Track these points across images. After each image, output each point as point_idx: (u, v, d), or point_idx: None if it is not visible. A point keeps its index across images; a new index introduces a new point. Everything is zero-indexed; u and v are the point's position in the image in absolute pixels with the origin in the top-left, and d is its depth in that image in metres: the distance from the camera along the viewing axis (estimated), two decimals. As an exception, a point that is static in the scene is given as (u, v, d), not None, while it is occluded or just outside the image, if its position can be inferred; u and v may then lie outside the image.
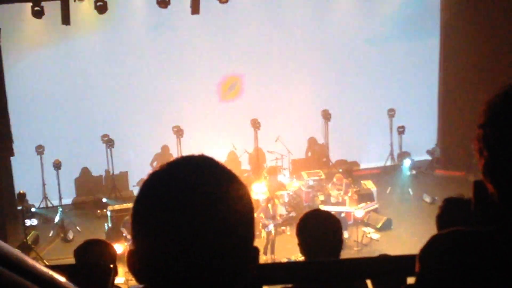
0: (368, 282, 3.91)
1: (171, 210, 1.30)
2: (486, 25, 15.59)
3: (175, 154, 15.88)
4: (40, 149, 15.65)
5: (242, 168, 16.51)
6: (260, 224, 12.71)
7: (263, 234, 12.74)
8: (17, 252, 1.31)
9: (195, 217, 1.29)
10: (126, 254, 1.59)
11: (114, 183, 15.92)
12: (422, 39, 17.35)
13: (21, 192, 14.24)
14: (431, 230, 3.79)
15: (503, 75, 14.36)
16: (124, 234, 12.78)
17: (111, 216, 13.80)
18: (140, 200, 1.37)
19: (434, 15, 17.11)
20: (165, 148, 16.49)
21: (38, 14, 14.23)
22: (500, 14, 15.41)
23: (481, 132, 1.52)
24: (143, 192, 1.37)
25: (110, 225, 13.81)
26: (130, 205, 12.99)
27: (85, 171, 16.52)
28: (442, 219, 3.79)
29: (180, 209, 1.29)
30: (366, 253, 12.60)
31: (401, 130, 17.23)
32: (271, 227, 12.88)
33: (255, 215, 1.44)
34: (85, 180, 16.49)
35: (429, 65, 17.49)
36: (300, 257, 3.96)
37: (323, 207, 13.20)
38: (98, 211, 15.24)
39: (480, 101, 1.56)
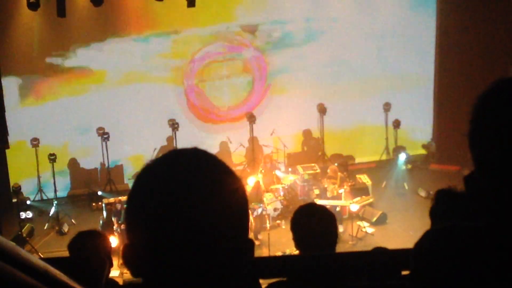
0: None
1: (164, 203, 1.30)
2: (483, 20, 15.60)
3: (171, 147, 15.88)
4: (35, 142, 15.61)
5: (235, 161, 16.52)
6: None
7: (251, 220, 12.80)
8: (12, 245, 1.31)
9: (189, 210, 1.29)
10: (121, 246, 1.60)
11: (109, 176, 15.91)
12: (418, 33, 17.34)
13: (16, 184, 14.22)
14: (426, 224, 3.80)
15: (499, 70, 14.38)
16: (115, 225, 12.85)
17: (106, 209, 13.80)
18: (133, 194, 1.37)
19: (430, 9, 17.12)
20: (169, 140, 16.42)
21: (33, 6, 14.18)
22: (496, 10, 15.42)
23: (472, 128, 1.53)
24: (137, 185, 1.37)
25: (105, 218, 13.81)
26: (125, 198, 13.05)
27: (80, 164, 16.50)
28: (435, 211, 3.80)
29: (173, 203, 1.29)
30: (361, 247, 12.62)
31: (397, 125, 17.24)
32: (260, 210, 13.03)
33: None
34: (80, 173, 16.47)
35: (425, 59, 17.50)
36: (295, 251, 3.96)
37: (318, 201, 13.22)
38: (93, 204, 15.24)
39: (475, 96, 1.57)
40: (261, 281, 3.52)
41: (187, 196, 1.29)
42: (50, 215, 14.58)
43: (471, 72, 15.56)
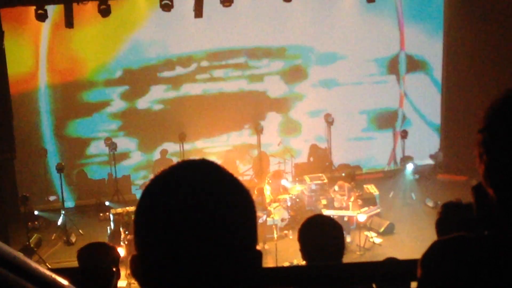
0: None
1: (172, 215, 1.30)
2: (490, 29, 15.58)
3: (177, 158, 15.89)
4: (43, 152, 15.65)
5: (241, 170, 16.56)
6: None
7: None
8: (20, 255, 1.31)
9: (197, 221, 1.29)
10: (128, 257, 1.60)
11: (117, 186, 15.93)
12: (425, 43, 17.34)
13: (24, 195, 14.25)
14: (434, 234, 3.79)
15: (507, 80, 14.35)
16: (122, 236, 12.84)
17: (113, 220, 13.80)
18: (141, 205, 1.37)
19: (437, 17, 17.13)
20: (163, 153, 16.49)
21: (41, 17, 14.26)
22: (504, 17, 15.40)
23: (481, 137, 1.53)
24: (145, 197, 1.37)
25: (112, 228, 13.81)
26: (132, 208, 13.07)
27: (87, 175, 16.52)
28: (441, 224, 3.79)
29: (182, 214, 1.29)
30: (368, 257, 12.59)
31: (404, 135, 17.23)
32: (264, 217, 13.01)
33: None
34: (87, 183, 16.49)
35: (432, 69, 17.49)
36: (303, 262, 3.95)
37: (325, 211, 13.21)
38: (101, 214, 15.25)
39: (483, 106, 1.56)
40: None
41: (196, 207, 1.29)
42: (57, 225, 14.59)
43: (479, 81, 15.53)
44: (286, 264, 11.60)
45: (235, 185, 1.38)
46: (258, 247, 1.40)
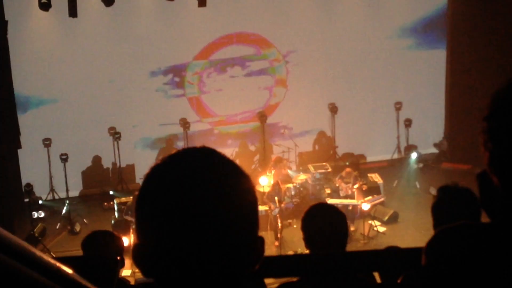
0: (376, 274, 3.92)
1: (173, 203, 1.30)
2: (494, 17, 15.51)
3: (180, 147, 15.90)
4: (47, 142, 15.67)
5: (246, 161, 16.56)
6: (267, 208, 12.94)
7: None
8: (25, 244, 1.31)
9: (198, 209, 1.29)
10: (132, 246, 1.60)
11: (121, 176, 15.95)
12: (429, 31, 17.29)
13: (28, 184, 14.27)
14: (438, 223, 3.79)
15: (511, 68, 14.30)
16: (129, 220, 12.87)
17: (118, 209, 13.84)
18: (142, 194, 1.37)
19: (441, 7, 17.07)
20: (169, 142, 16.50)
21: (45, 6, 14.23)
22: (509, 6, 15.32)
23: (486, 125, 1.53)
24: (145, 185, 1.37)
25: (117, 217, 13.85)
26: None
27: (92, 164, 16.54)
28: (437, 207, 3.80)
29: (182, 202, 1.29)
30: (372, 246, 12.60)
31: (408, 123, 17.22)
32: (276, 211, 12.97)
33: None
34: (92, 172, 16.51)
35: (436, 57, 17.44)
36: (307, 250, 3.95)
37: (329, 200, 13.21)
38: (105, 203, 15.28)
39: (487, 94, 1.56)
40: (272, 280, 3.52)
41: (197, 195, 1.29)
42: (62, 214, 14.63)
43: (483, 70, 15.47)
44: (290, 253, 11.62)
45: (236, 172, 1.38)
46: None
